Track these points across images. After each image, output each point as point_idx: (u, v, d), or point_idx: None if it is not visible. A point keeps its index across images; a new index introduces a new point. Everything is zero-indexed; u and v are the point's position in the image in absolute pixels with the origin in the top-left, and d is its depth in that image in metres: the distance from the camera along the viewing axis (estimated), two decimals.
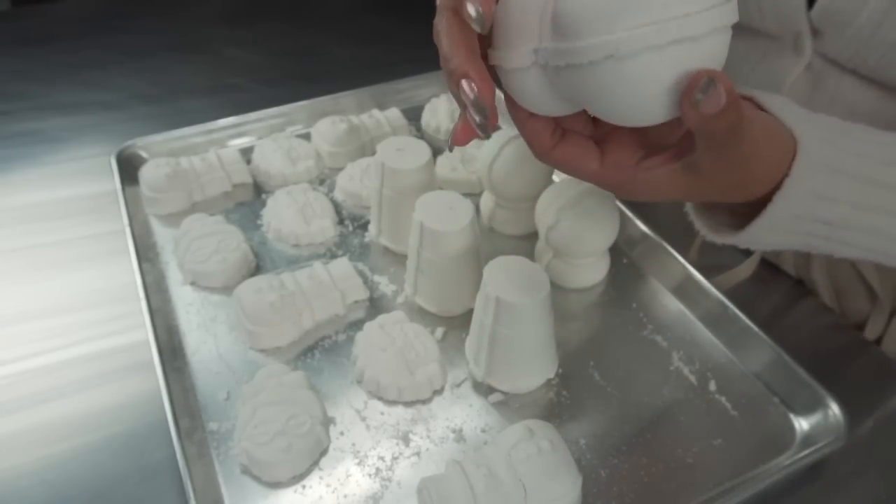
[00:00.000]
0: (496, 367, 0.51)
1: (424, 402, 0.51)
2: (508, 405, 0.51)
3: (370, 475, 0.47)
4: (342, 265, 0.59)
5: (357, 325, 0.56)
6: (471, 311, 0.52)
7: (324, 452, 0.48)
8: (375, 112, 0.77)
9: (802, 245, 0.39)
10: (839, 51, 0.51)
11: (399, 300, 0.59)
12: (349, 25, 1.01)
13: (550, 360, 0.52)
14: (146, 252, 0.62)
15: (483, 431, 0.50)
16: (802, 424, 0.51)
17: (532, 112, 0.34)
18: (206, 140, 0.73)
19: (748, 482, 0.46)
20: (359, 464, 0.47)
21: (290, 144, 0.71)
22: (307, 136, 0.74)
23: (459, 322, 0.56)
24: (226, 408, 0.50)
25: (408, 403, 0.51)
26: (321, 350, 0.55)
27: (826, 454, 0.47)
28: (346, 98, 0.79)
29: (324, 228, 0.64)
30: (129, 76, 0.87)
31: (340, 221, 0.66)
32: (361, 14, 1.04)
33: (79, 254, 0.62)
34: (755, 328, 0.54)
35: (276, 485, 0.46)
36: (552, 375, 0.53)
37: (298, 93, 0.78)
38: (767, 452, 0.49)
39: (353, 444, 0.49)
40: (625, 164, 0.34)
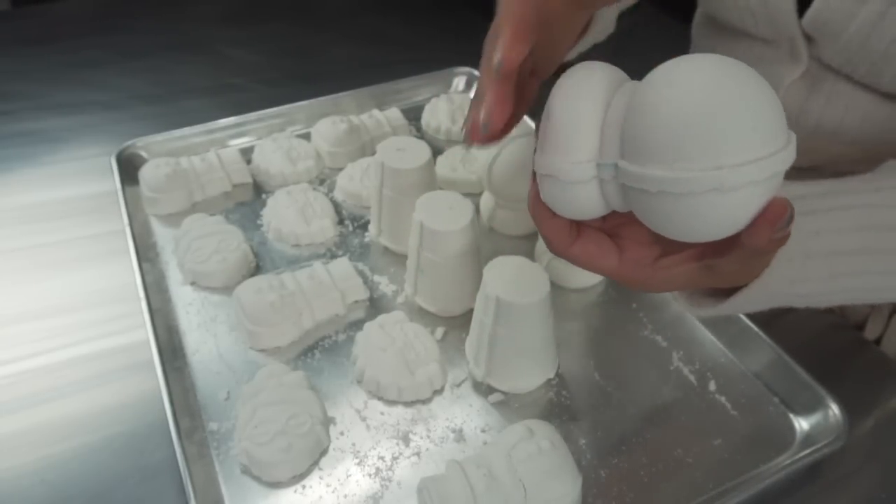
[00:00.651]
0: (496, 367, 0.51)
1: (424, 402, 0.51)
2: (508, 405, 0.51)
3: (370, 475, 0.47)
4: (342, 265, 0.59)
5: (357, 325, 0.56)
6: (471, 311, 0.52)
7: (324, 452, 0.48)
8: (375, 112, 0.77)
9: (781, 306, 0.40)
10: (832, 57, 0.52)
11: (399, 300, 0.59)
12: (349, 25, 1.01)
13: (550, 360, 0.52)
14: (146, 252, 0.62)
15: (483, 431, 0.50)
16: (802, 424, 0.51)
17: (557, 213, 0.33)
18: (206, 140, 0.73)
19: (748, 482, 0.46)
20: (359, 464, 0.47)
21: (290, 144, 0.71)
22: (307, 136, 0.74)
23: (459, 322, 0.56)
24: (226, 408, 0.50)
25: (408, 403, 0.51)
26: (321, 350, 0.55)
27: (826, 454, 0.47)
28: (346, 98, 0.79)
29: (324, 228, 0.64)
30: (129, 76, 0.87)
31: (340, 221, 0.66)
32: (361, 14, 1.04)
33: (79, 254, 0.62)
34: (755, 328, 0.54)
35: (276, 485, 0.46)
36: (552, 375, 0.53)
37: (298, 93, 0.78)
38: (767, 452, 0.49)
39: (353, 444, 0.49)
40: (644, 262, 0.34)
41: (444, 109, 0.78)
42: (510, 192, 0.62)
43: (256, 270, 0.61)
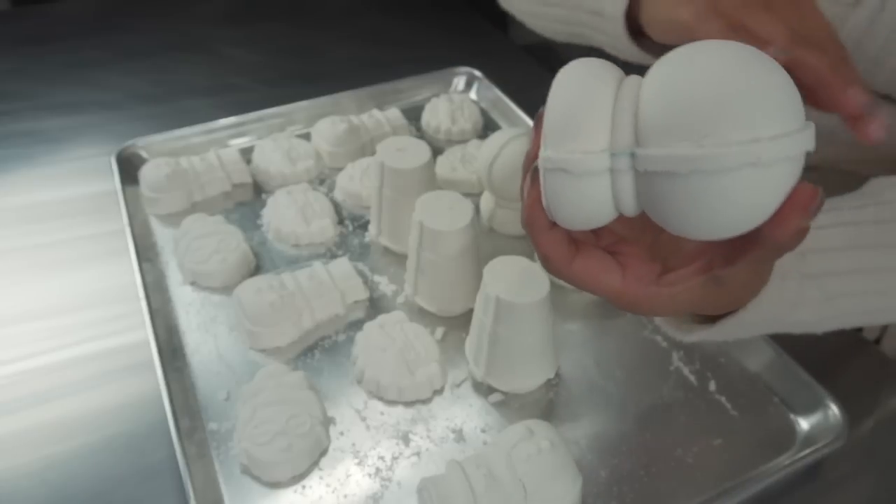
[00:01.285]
0: (496, 367, 0.51)
1: (424, 402, 0.51)
2: (508, 405, 0.51)
3: (370, 475, 0.47)
4: (342, 265, 0.59)
5: (357, 325, 0.56)
6: (471, 311, 0.52)
7: (324, 452, 0.48)
8: (375, 112, 0.77)
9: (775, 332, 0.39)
10: None
11: (399, 300, 0.59)
12: (349, 25, 1.01)
13: (550, 360, 0.52)
14: (146, 252, 0.62)
15: (483, 431, 0.50)
16: (802, 424, 0.51)
17: (555, 222, 0.30)
18: (206, 140, 0.73)
19: (748, 482, 0.46)
20: (359, 464, 0.47)
21: (290, 144, 0.71)
22: (307, 136, 0.74)
23: (459, 322, 0.56)
24: (226, 408, 0.50)
25: (408, 403, 0.51)
26: (321, 350, 0.55)
27: (826, 454, 0.47)
28: (346, 98, 0.79)
29: (324, 228, 0.64)
30: (129, 76, 0.87)
31: (340, 221, 0.66)
32: (361, 14, 1.04)
33: (79, 254, 0.62)
34: None
35: (276, 485, 0.46)
36: (552, 375, 0.53)
37: (298, 93, 0.78)
38: (767, 452, 0.49)
39: (353, 444, 0.49)
40: (647, 279, 0.31)
41: (444, 109, 0.78)
42: (510, 192, 0.62)
43: (256, 270, 0.61)
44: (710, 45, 0.26)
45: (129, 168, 0.68)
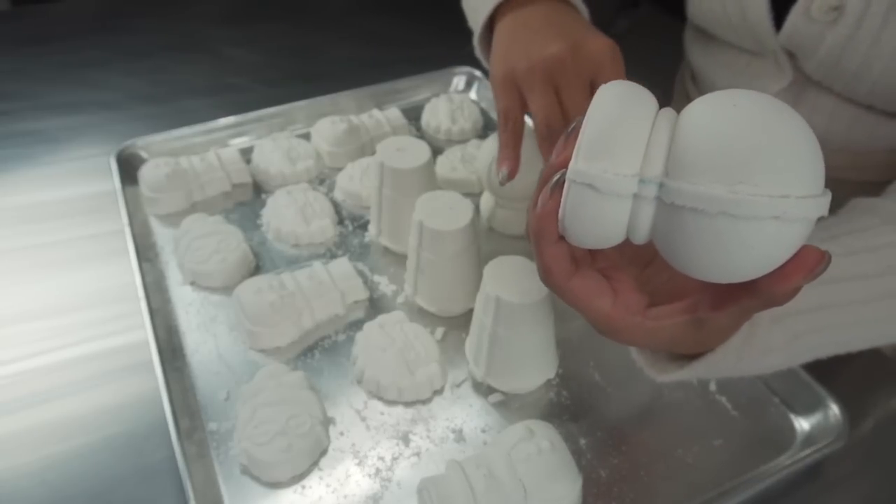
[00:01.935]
0: (496, 368, 0.51)
1: (424, 403, 0.51)
2: (508, 405, 0.51)
3: (370, 475, 0.47)
4: (342, 265, 0.59)
5: (357, 325, 0.56)
6: (471, 311, 0.52)
7: (324, 452, 0.48)
8: (375, 112, 0.77)
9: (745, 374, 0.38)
10: (812, 72, 0.53)
11: (399, 300, 0.59)
12: (349, 25, 1.01)
13: (550, 360, 0.52)
14: (146, 252, 0.62)
15: (483, 431, 0.50)
16: (802, 424, 0.51)
17: (564, 236, 0.30)
18: (206, 140, 0.73)
19: (748, 482, 0.46)
20: (359, 464, 0.47)
21: (290, 144, 0.71)
22: (307, 136, 0.74)
23: (459, 322, 0.56)
24: (226, 408, 0.50)
25: (408, 403, 0.51)
26: (321, 350, 0.55)
27: (826, 454, 0.47)
28: (346, 98, 0.79)
29: (324, 228, 0.64)
30: (129, 76, 0.87)
31: (340, 221, 0.66)
32: (361, 14, 1.04)
33: (79, 254, 0.62)
34: None
35: (276, 485, 0.46)
36: (552, 375, 0.53)
37: (298, 93, 0.78)
38: (767, 452, 0.49)
39: (353, 445, 0.49)
40: (634, 309, 0.32)
41: (444, 109, 0.78)
42: (510, 192, 0.62)
43: (256, 270, 0.61)
44: (753, 95, 0.27)
45: (129, 168, 0.68)
